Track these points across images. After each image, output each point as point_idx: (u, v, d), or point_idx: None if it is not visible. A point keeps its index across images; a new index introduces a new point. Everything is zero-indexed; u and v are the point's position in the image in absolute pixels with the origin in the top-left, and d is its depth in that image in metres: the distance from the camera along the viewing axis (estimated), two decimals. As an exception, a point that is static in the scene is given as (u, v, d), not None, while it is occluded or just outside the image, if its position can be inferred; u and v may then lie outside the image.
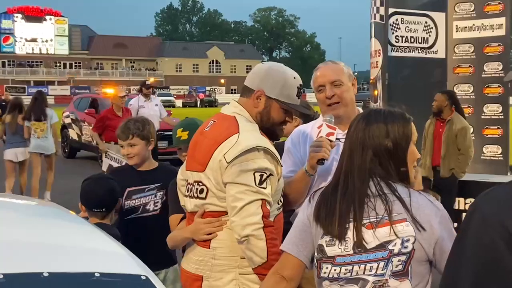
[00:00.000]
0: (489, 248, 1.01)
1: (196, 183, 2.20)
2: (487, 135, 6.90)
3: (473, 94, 7.07)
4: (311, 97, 14.10)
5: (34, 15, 78.59)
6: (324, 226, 1.70)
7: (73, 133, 14.65)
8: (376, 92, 6.90)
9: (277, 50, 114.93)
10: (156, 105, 10.63)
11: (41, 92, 9.08)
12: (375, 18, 6.84)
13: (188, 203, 2.27)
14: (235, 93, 66.19)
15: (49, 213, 2.02)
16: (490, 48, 7.13)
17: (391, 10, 6.91)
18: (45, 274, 1.34)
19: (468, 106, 7.02)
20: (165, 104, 49.75)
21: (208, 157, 2.14)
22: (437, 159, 6.42)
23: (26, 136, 8.30)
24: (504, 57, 7.02)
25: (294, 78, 2.26)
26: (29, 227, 1.71)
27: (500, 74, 6.82)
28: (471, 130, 6.63)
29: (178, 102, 55.57)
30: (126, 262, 1.56)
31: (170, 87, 69.44)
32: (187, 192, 2.26)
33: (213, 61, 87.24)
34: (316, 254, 1.73)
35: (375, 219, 1.65)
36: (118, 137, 3.17)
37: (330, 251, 1.69)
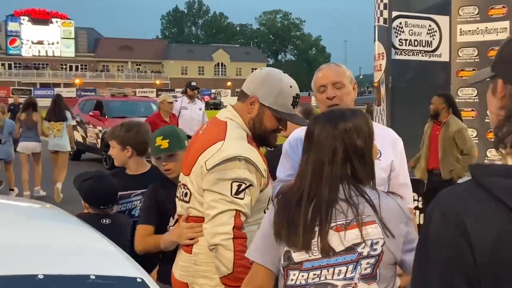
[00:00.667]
0: (451, 244, 1.01)
1: (183, 186, 2.22)
2: (491, 138, 6.87)
3: (477, 97, 7.05)
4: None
5: (40, 18, 78.98)
6: (287, 241, 1.63)
7: (78, 135, 14.70)
8: (379, 95, 6.89)
9: (282, 53, 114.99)
10: (200, 109, 9.93)
11: (59, 96, 10.09)
12: (378, 21, 6.84)
13: (178, 205, 2.29)
14: (240, 95, 66.02)
15: (46, 215, 2.03)
16: (494, 52, 7.05)
17: (395, 14, 6.91)
18: (40, 277, 1.34)
19: (472, 110, 7.00)
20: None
21: (194, 162, 2.14)
22: (433, 162, 6.41)
23: (40, 134, 9.37)
24: (508, 61, 7.00)
25: (291, 87, 2.22)
26: (25, 229, 1.71)
27: (505, 77, 6.80)
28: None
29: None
30: (122, 265, 1.56)
31: (176, 89, 69.53)
32: (178, 194, 2.28)
33: (218, 63, 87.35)
34: (282, 261, 1.66)
35: (344, 222, 1.62)
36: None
37: (297, 256, 1.63)
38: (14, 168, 9.35)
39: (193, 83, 10.21)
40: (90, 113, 14.24)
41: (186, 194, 2.18)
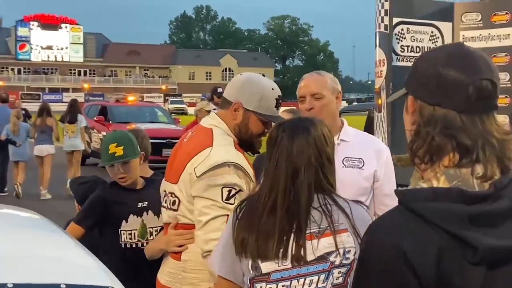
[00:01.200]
0: (393, 275, 1.01)
1: (170, 194, 2.21)
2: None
3: (509, 82, 6.96)
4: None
5: (50, 23, 79.55)
6: (256, 250, 1.59)
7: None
8: (380, 102, 6.86)
9: (290, 58, 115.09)
10: None
11: (75, 101, 11.32)
12: (379, 28, 6.82)
13: (164, 214, 2.28)
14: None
15: (22, 222, 2.02)
16: (497, 59, 7.05)
17: (396, 20, 6.88)
18: (10, 285, 1.33)
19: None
20: (178, 112, 50.02)
21: (181, 170, 2.13)
22: None
23: (55, 135, 10.18)
24: (511, 68, 6.94)
25: (273, 89, 2.24)
26: (1, 237, 1.70)
27: (507, 85, 6.73)
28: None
29: (191, 110, 55.81)
30: (95, 274, 1.55)
31: (183, 94, 69.72)
32: (164, 203, 2.27)
33: (226, 69, 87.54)
34: (250, 272, 1.62)
35: (317, 230, 1.59)
36: None
37: (265, 267, 1.60)
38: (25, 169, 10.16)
39: (219, 89, 9.95)
40: (95, 118, 14.31)
41: (174, 202, 2.18)
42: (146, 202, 2.77)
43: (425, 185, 1.08)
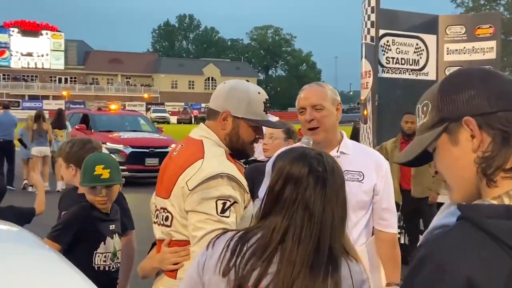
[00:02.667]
0: None
1: (162, 210, 2.12)
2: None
3: None
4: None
5: (30, 30, 78.74)
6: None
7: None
8: (366, 113, 6.87)
9: (273, 68, 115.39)
10: None
11: (62, 109, 13.51)
12: (365, 39, 6.84)
13: (156, 230, 2.19)
14: (230, 110, 66.05)
15: (6, 237, 1.92)
16: (481, 71, 7.12)
17: (382, 32, 6.91)
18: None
19: None
20: (160, 121, 49.69)
21: (173, 184, 2.06)
22: (408, 181, 6.21)
23: (50, 138, 11.86)
24: (495, 80, 7.01)
25: (259, 93, 2.18)
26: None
27: (491, 97, 6.80)
28: None
29: (173, 119, 55.56)
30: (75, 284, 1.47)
31: (166, 103, 69.44)
32: (155, 218, 2.19)
33: (209, 78, 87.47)
34: None
35: None
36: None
37: None
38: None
39: None
40: (76, 126, 14.11)
41: (167, 218, 2.10)
42: (114, 225, 2.79)
43: (495, 202, 0.98)
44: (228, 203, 1.98)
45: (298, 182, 1.48)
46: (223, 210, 1.96)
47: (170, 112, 58.65)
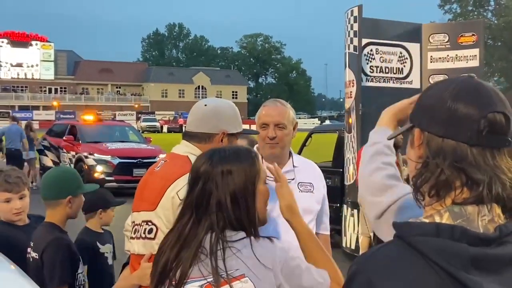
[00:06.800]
0: None
1: (145, 223, 2.10)
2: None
3: None
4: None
5: (20, 40, 78.44)
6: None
7: (47, 160, 14.49)
8: (350, 121, 6.88)
9: (263, 76, 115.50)
10: None
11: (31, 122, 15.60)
12: (349, 49, 6.86)
13: (135, 245, 2.15)
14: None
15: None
16: (465, 79, 7.16)
17: (366, 41, 6.94)
18: None
19: None
20: (150, 130, 49.43)
21: (160, 196, 2.06)
22: None
23: (37, 146, 14.23)
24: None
25: (233, 104, 2.33)
26: None
27: (474, 105, 6.84)
28: None
29: (164, 128, 55.48)
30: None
31: (156, 112, 69.28)
32: (134, 233, 2.16)
33: (199, 86, 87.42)
34: None
35: (212, 279, 1.53)
36: (8, 190, 2.89)
37: None
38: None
39: None
40: (64, 137, 14.00)
41: (150, 231, 2.08)
42: None
43: (427, 220, 1.01)
44: None
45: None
46: None
47: (160, 121, 58.53)
